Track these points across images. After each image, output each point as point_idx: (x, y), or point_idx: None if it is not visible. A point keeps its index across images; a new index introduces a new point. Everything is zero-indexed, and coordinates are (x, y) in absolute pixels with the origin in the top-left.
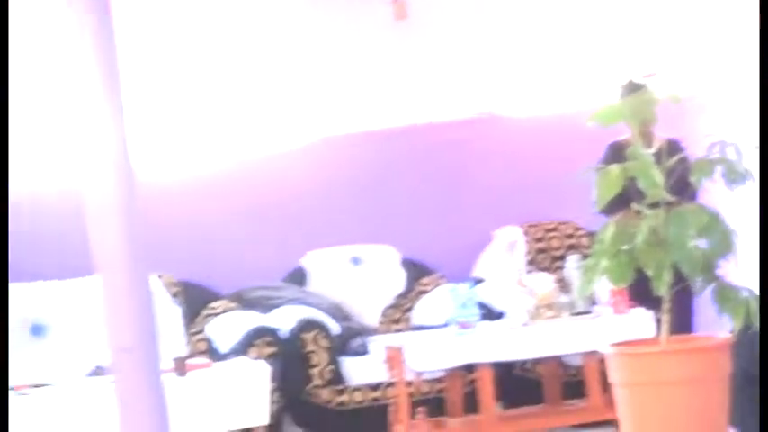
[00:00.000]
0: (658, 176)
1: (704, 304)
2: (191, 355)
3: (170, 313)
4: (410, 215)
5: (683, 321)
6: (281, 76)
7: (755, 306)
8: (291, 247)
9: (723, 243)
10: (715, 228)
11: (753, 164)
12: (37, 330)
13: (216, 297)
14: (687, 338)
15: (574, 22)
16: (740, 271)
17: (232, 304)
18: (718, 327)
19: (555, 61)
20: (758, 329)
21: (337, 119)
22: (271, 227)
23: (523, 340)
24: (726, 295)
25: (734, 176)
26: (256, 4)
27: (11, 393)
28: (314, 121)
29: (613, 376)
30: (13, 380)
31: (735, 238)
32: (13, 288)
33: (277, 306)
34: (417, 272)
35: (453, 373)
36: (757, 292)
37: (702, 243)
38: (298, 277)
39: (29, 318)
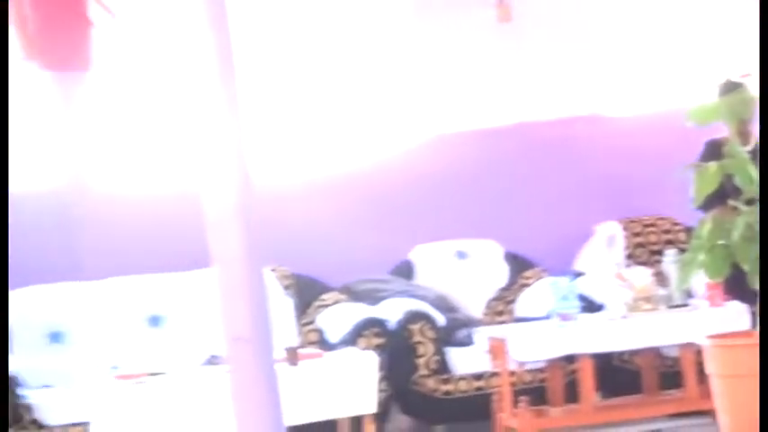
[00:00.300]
0: (754, 173)
1: None
2: (302, 346)
3: (282, 305)
4: (513, 211)
5: None
6: (392, 77)
7: None
8: (399, 241)
9: None
10: None
11: None
12: (154, 321)
13: (326, 289)
14: None
15: (674, 21)
16: None
17: (342, 296)
18: None
19: (655, 61)
20: None
21: (446, 118)
22: (380, 222)
23: (622, 332)
24: None
25: None
26: (370, 8)
27: (129, 382)
28: (422, 120)
29: (709, 367)
30: (130, 369)
31: None
32: (132, 280)
33: (385, 298)
34: (520, 265)
35: (554, 363)
36: None
37: None
38: (405, 270)
39: (146, 309)
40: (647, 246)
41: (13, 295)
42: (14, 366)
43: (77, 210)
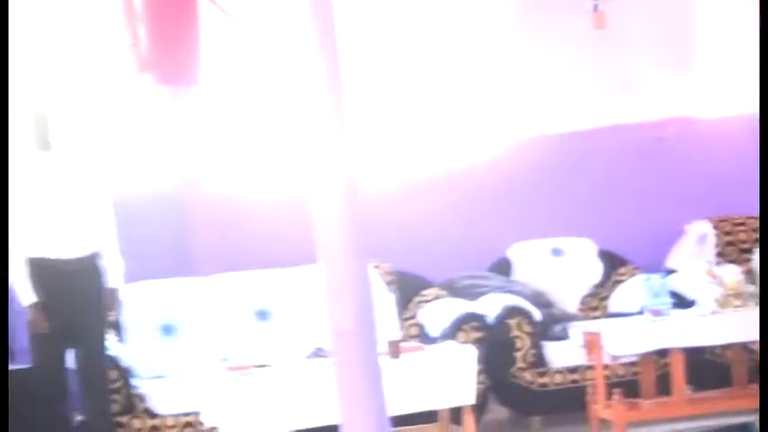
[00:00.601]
0: None
1: None
2: (403, 339)
3: (385, 300)
4: (607, 210)
5: None
6: (492, 80)
7: None
8: (497, 239)
9: None
10: None
11: None
12: (262, 315)
13: (427, 285)
14: None
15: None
16: None
17: (442, 292)
18: None
19: (743, 63)
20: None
21: (543, 120)
22: (478, 220)
23: (713, 327)
24: None
25: None
26: (473, 15)
27: (237, 373)
28: (520, 122)
29: None
30: (239, 360)
31: None
32: (241, 276)
33: (483, 294)
34: (613, 263)
35: (647, 357)
36: None
37: None
38: (503, 267)
39: (254, 303)
40: (737, 244)
41: (127, 289)
42: (128, 358)
43: (191, 210)
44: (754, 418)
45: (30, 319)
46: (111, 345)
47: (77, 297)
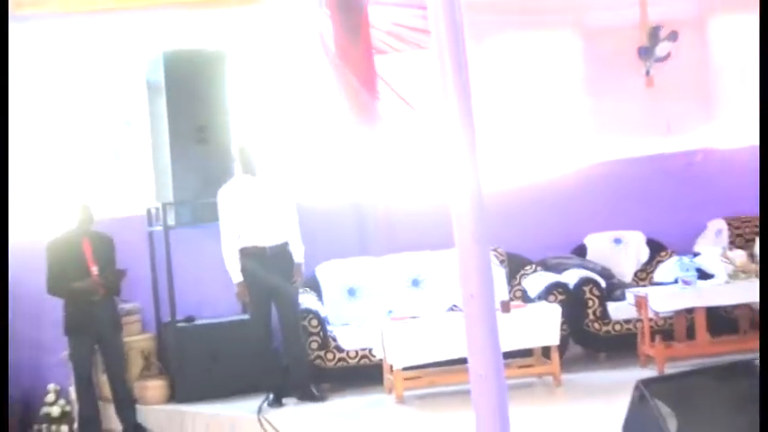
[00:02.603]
0: None
1: None
2: (512, 299)
3: (498, 273)
4: (653, 212)
5: None
6: (573, 120)
7: None
8: (577, 231)
9: None
10: None
11: None
12: (415, 283)
13: (528, 263)
14: None
15: None
16: None
17: (538, 267)
18: None
19: (747, 110)
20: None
21: (611, 150)
22: (564, 218)
23: (726, 293)
24: None
25: None
26: (562, 76)
27: (398, 322)
28: (595, 151)
29: None
30: (400, 313)
31: None
32: (401, 256)
33: (567, 269)
34: (657, 248)
35: (679, 313)
36: None
37: None
38: (581, 250)
39: (410, 274)
40: (743, 236)
41: (323, 266)
42: (325, 311)
43: (369, 212)
44: (755, 357)
45: (237, 292)
46: (313, 303)
47: (276, 270)
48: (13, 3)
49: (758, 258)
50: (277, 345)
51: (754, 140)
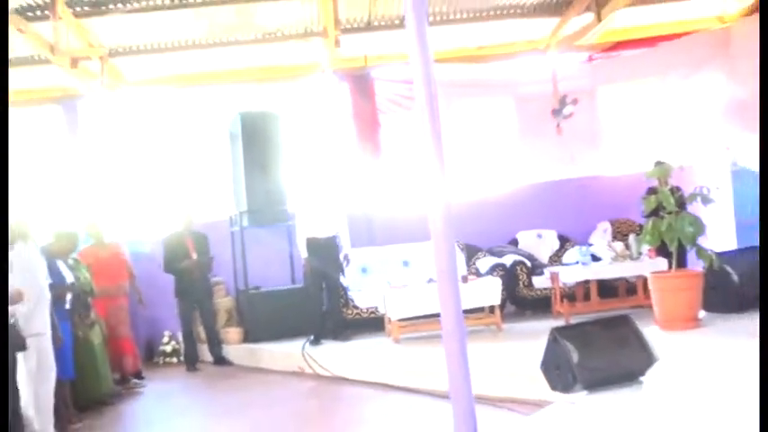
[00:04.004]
0: (671, 201)
1: (692, 256)
2: (469, 275)
3: (460, 257)
4: (561, 216)
5: (682, 263)
6: (508, 154)
7: (715, 256)
8: (512, 229)
9: (699, 230)
10: (696, 223)
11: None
12: (406, 263)
13: (479, 250)
14: (683, 270)
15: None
16: (708, 242)
17: (486, 253)
18: (697, 265)
19: (631, 146)
20: (716, 266)
21: (535, 174)
22: (505, 220)
23: (610, 270)
24: (701, 252)
25: (705, 201)
26: (494, 123)
27: (395, 288)
28: (526, 175)
29: (651, 285)
30: (396, 283)
31: (705, 228)
32: (397, 246)
33: (505, 254)
34: (565, 241)
35: (579, 283)
36: (716, 249)
37: (690, 229)
38: (514, 242)
39: (402, 257)
40: (621, 232)
41: (351, 252)
42: (347, 282)
43: (375, 218)
44: (630, 311)
45: (304, 265)
46: (341, 278)
47: (328, 255)
48: (143, 79)
49: (632, 247)
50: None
51: (627, 170)
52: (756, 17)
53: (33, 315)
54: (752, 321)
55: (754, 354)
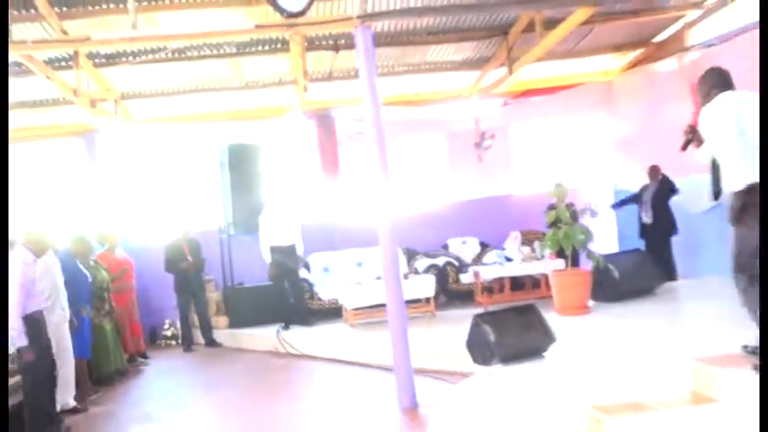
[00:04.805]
0: (566, 215)
1: (583, 257)
2: (409, 273)
3: (402, 259)
4: (482, 226)
5: (575, 263)
6: (440, 179)
7: (601, 258)
8: (444, 236)
9: (588, 237)
10: (586, 232)
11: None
12: (359, 264)
13: (418, 253)
14: (576, 269)
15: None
16: (595, 246)
17: (423, 256)
18: (587, 265)
19: (533, 171)
20: (601, 265)
21: (458, 194)
22: (438, 229)
23: (520, 268)
24: (590, 255)
25: (593, 214)
26: (432, 153)
27: (350, 285)
28: (451, 194)
29: (551, 281)
30: (351, 280)
31: (592, 236)
32: (352, 250)
33: (438, 256)
34: (484, 246)
35: (496, 279)
36: (602, 252)
37: (581, 236)
38: (445, 247)
39: (357, 259)
40: (528, 239)
41: (312, 255)
42: (312, 279)
43: (337, 226)
44: (536, 301)
45: (269, 267)
46: (307, 275)
47: (288, 259)
48: (149, 117)
49: (537, 251)
50: (287, 298)
51: (533, 191)
52: (632, 72)
53: (53, 309)
54: (628, 308)
55: (631, 333)
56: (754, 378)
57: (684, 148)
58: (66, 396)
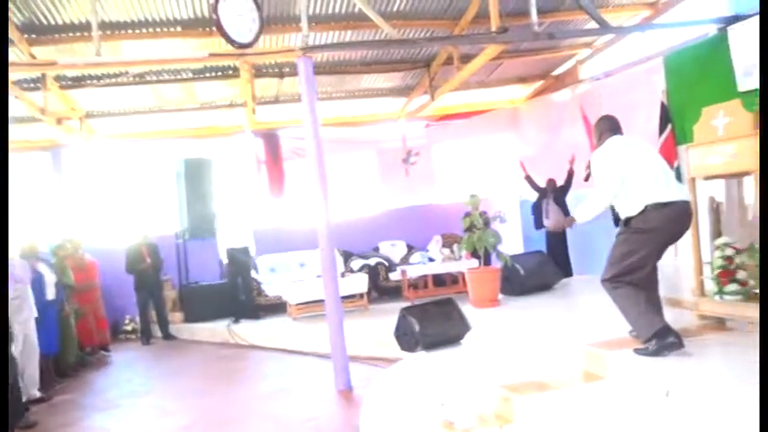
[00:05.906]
0: (480, 221)
1: (494, 257)
2: (345, 272)
3: (339, 259)
4: (411, 230)
5: (487, 262)
6: (376, 191)
7: (509, 258)
8: (375, 240)
9: (498, 240)
10: (496, 235)
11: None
12: (302, 265)
13: (352, 254)
14: (488, 267)
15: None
16: (504, 248)
17: (358, 257)
18: (497, 264)
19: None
20: (509, 264)
21: (389, 203)
22: (370, 233)
23: (442, 267)
24: (500, 255)
25: (502, 221)
26: (364, 169)
27: (294, 283)
28: (385, 203)
29: (467, 277)
30: (297, 279)
31: (501, 239)
32: (295, 252)
33: (370, 257)
34: (411, 247)
35: (420, 276)
36: (510, 253)
37: (492, 240)
38: (377, 249)
39: (299, 260)
40: (449, 242)
41: (260, 258)
42: (260, 278)
43: (278, 233)
44: (455, 296)
45: (225, 266)
46: (256, 275)
47: (242, 259)
48: (112, 134)
49: (455, 252)
50: (237, 294)
51: (452, 200)
52: (534, 100)
53: (21, 308)
54: (531, 301)
55: (534, 322)
56: (634, 358)
57: (586, 179)
58: (30, 389)
